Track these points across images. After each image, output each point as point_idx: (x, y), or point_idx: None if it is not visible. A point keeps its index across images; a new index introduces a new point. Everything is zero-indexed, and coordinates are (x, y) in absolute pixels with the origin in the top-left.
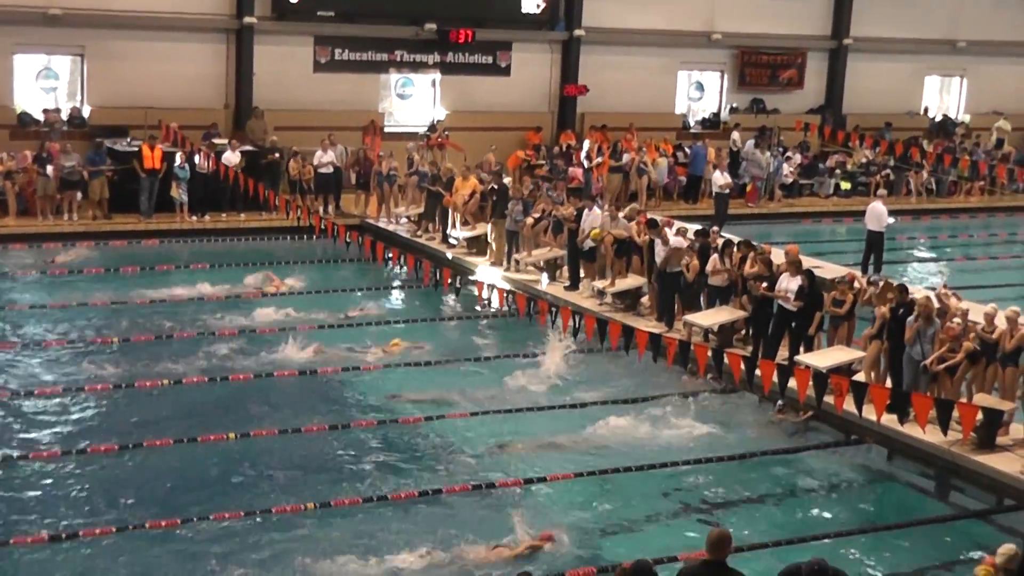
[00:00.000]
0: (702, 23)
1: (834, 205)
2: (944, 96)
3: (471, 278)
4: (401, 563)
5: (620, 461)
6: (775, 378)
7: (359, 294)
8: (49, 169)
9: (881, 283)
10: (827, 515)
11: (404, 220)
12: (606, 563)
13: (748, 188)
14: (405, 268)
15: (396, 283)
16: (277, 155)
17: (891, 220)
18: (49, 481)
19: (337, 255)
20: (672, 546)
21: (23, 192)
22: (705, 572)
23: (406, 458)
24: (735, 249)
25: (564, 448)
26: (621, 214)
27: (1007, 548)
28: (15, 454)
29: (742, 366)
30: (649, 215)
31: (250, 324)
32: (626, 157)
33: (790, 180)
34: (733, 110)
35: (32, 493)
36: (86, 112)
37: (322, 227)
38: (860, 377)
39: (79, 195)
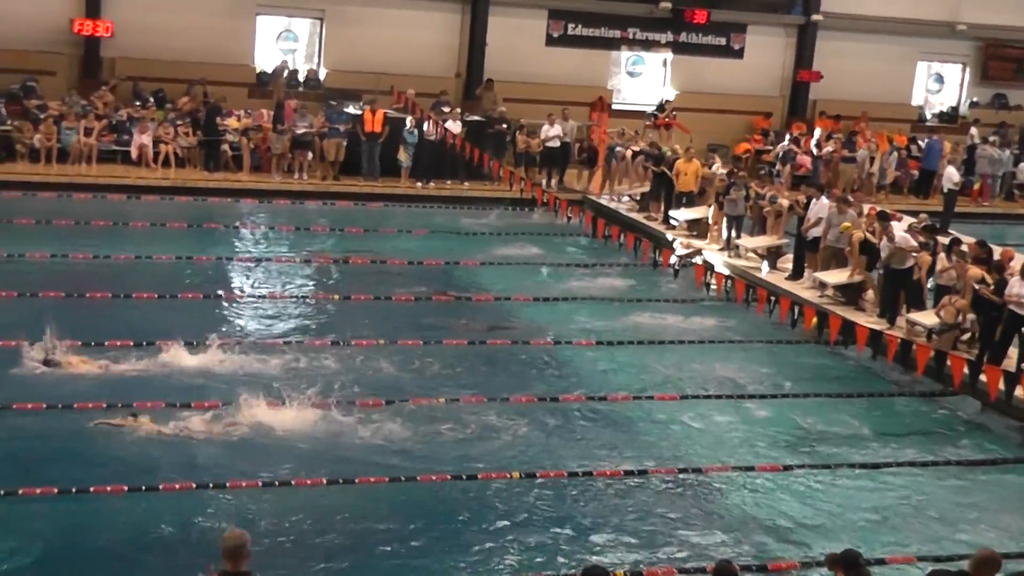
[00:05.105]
0: (946, 12)
1: None
2: None
3: (691, 260)
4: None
5: (833, 458)
6: (1001, 385)
7: (583, 269)
8: (282, 128)
9: None
10: None
11: (626, 198)
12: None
13: (977, 186)
14: (624, 245)
15: (615, 260)
16: (504, 126)
17: None
18: None
19: (557, 229)
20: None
21: (257, 149)
22: None
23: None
24: (965, 248)
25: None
26: (900, 225)
27: None
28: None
29: (964, 369)
30: (879, 208)
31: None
32: (861, 150)
33: None
34: (973, 104)
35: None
36: (322, 75)
37: (544, 200)
38: None
39: (309, 155)
